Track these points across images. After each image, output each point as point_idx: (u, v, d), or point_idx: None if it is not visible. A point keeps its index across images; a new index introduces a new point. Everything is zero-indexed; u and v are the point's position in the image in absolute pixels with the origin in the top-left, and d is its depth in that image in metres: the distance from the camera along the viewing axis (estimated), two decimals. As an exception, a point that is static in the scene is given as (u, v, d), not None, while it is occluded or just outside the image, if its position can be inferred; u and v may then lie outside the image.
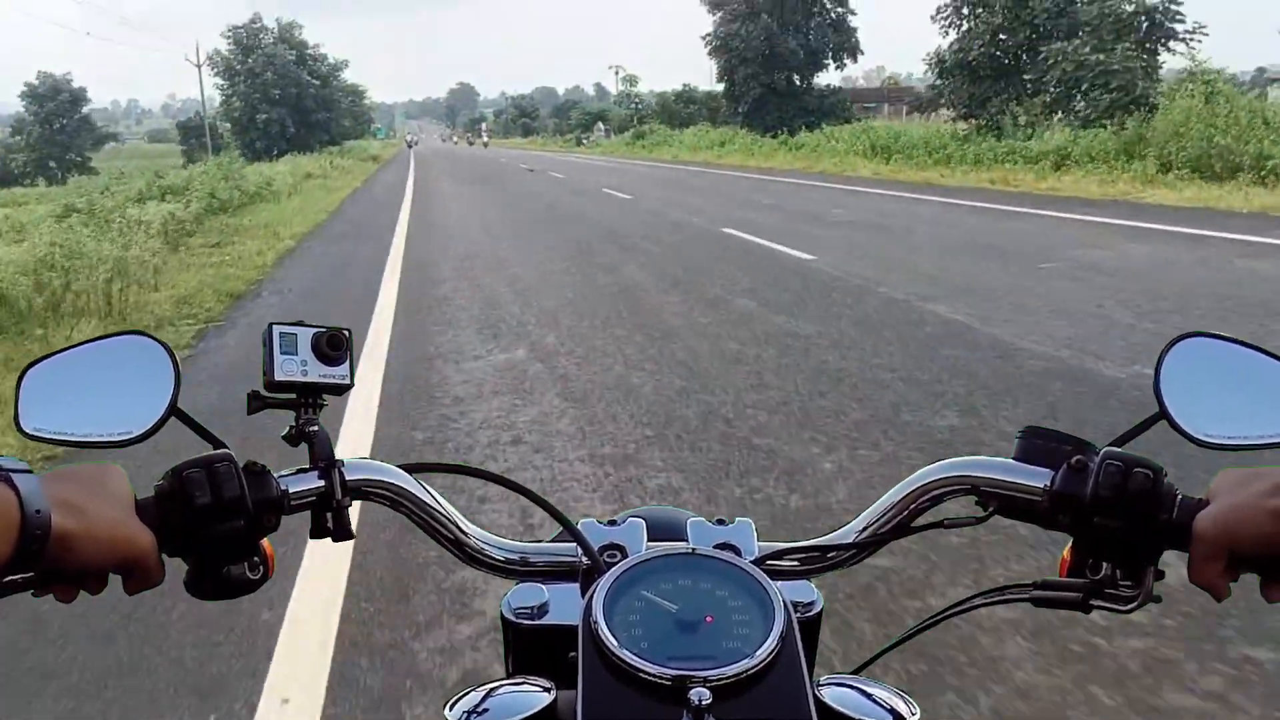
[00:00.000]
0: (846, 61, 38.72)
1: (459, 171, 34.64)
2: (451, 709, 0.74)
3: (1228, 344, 0.76)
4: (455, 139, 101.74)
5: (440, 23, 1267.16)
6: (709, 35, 39.74)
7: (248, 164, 46.36)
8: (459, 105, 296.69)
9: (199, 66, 53.63)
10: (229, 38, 49.89)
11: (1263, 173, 13.87)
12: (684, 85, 59.82)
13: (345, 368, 0.79)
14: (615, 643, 0.66)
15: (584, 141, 77.91)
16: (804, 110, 38.32)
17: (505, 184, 25.07)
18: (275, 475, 0.73)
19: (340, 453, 0.77)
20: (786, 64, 38.22)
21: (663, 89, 63.35)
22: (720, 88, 44.22)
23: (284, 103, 48.79)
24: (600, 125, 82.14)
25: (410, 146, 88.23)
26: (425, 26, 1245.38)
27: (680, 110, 57.62)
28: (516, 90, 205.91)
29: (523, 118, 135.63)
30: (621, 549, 0.80)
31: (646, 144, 48.45)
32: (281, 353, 0.77)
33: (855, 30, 39.12)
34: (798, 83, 39.27)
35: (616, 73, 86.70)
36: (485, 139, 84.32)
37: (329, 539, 0.76)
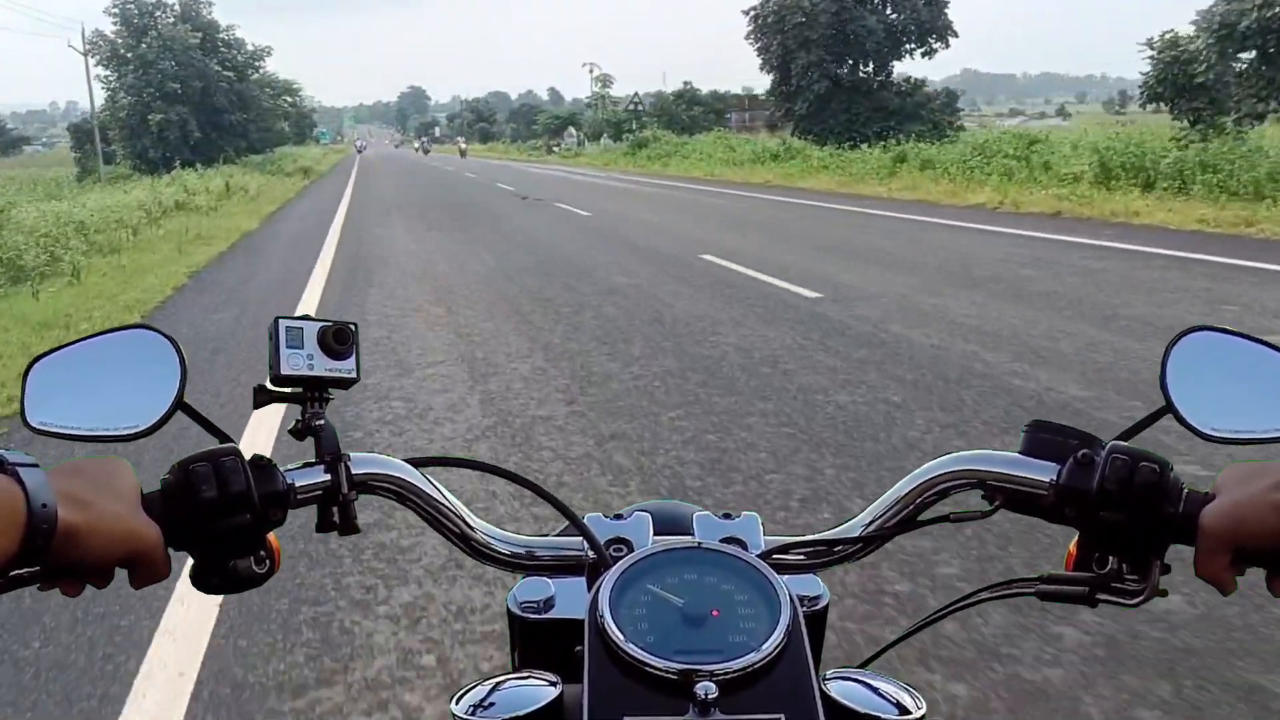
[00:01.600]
0: (936, 46, 28.93)
1: (416, 195, 24.20)
2: (458, 703, 0.73)
3: (1234, 338, 0.75)
4: (416, 146, 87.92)
5: (389, 26, 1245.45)
6: (754, 10, 29.75)
7: (136, 178, 35.74)
8: (409, 109, 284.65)
9: (85, 55, 42.52)
10: (115, 15, 38.75)
11: None
12: (685, 84, 50.00)
13: (351, 361, 0.78)
14: (621, 636, 0.66)
15: (555, 150, 68.76)
16: (881, 111, 28.52)
17: (498, 228, 14.86)
18: (281, 469, 0.73)
19: None
20: (861, 48, 28.34)
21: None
22: (741, 85, 34.29)
23: (186, 99, 37.84)
24: (571, 131, 73.08)
25: (359, 152, 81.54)
26: (374, 30, 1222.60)
27: (682, 113, 47.77)
28: (469, 95, 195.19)
29: (480, 122, 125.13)
30: (627, 543, 0.80)
31: (652, 154, 38.35)
32: (288, 347, 0.76)
33: (947, 4, 29.39)
34: (871, 74, 29.39)
35: (591, 71, 77.11)
36: (463, 145, 70.87)
37: (335, 533, 0.76)
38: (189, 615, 2.88)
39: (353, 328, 0.79)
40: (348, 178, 36.79)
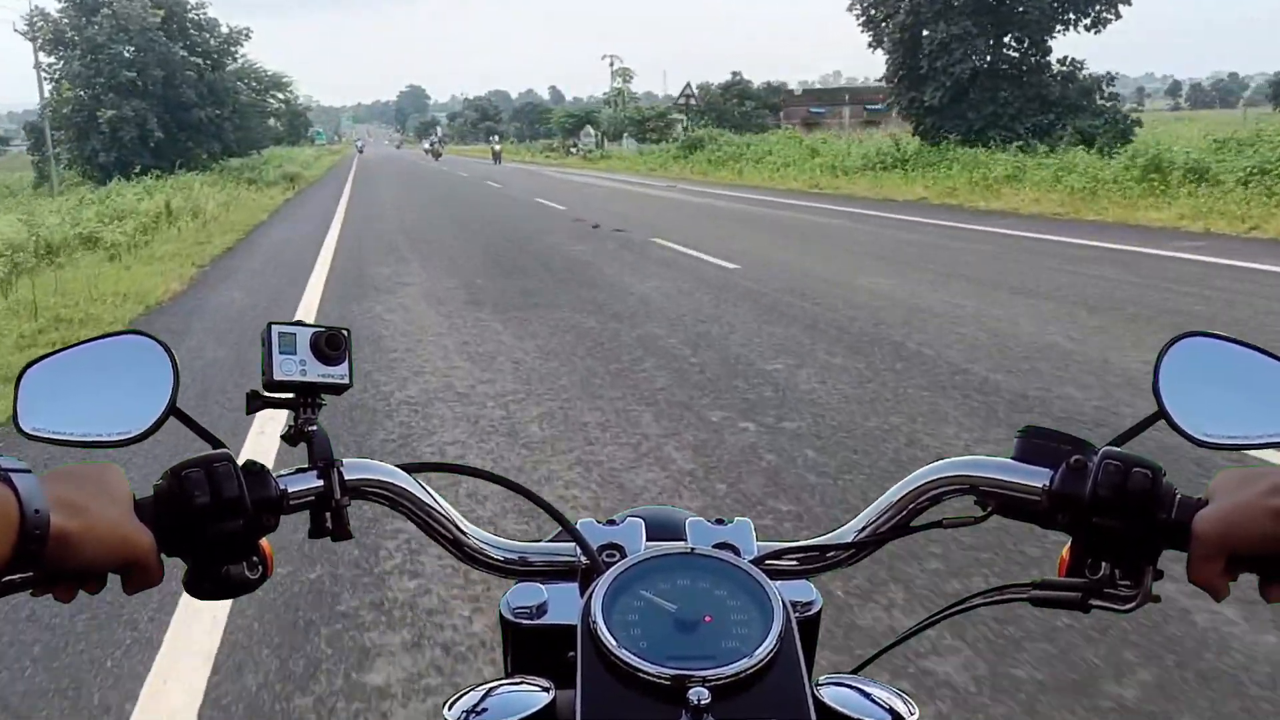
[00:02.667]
0: (1107, 15, 22.14)
1: (433, 220, 17.43)
2: (451, 709, 0.73)
3: (1226, 343, 0.75)
4: (426, 147, 76.26)
5: (387, 25, 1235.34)
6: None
7: (90, 187, 28.94)
8: (409, 108, 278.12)
9: (34, 41, 35.73)
10: (59, -10, 31.86)
11: None
12: (733, 75, 43.16)
13: (344, 367, 0.78)
14: (614, 642, 0.66)
15: (573, 151, 62.40)
16: (1037, 100, 21.79)
17: (596, 300, 8.06)
18: (274, 475, 0.73)
19: None
20: (1016, 18, 21.59)
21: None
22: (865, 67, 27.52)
23: (144, 92, 30.95)
24: (589, 130, 66.98)
25: (360, 152, 78.49)
26: (371, 29, 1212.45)
27: (733, 109, 41.01)
28: (469, 94, 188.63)
29: (485, 120, 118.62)
30: (620, 549, 0.79)
31: (712, 158, 31.58)
32: (280, 352, 0.76)
33: (1119, -35, 22.54)
34: (1024, 54, 22.61)
35: (611, 64, 70.76)
36: (497, 147, 55.98)
37: (328, 539, 0.75)
38: None
39: (345, 333, 0.78)
40: (342, 188, 30.01)
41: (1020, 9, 21.28)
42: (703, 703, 0.61)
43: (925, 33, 21.82)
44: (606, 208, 18.50)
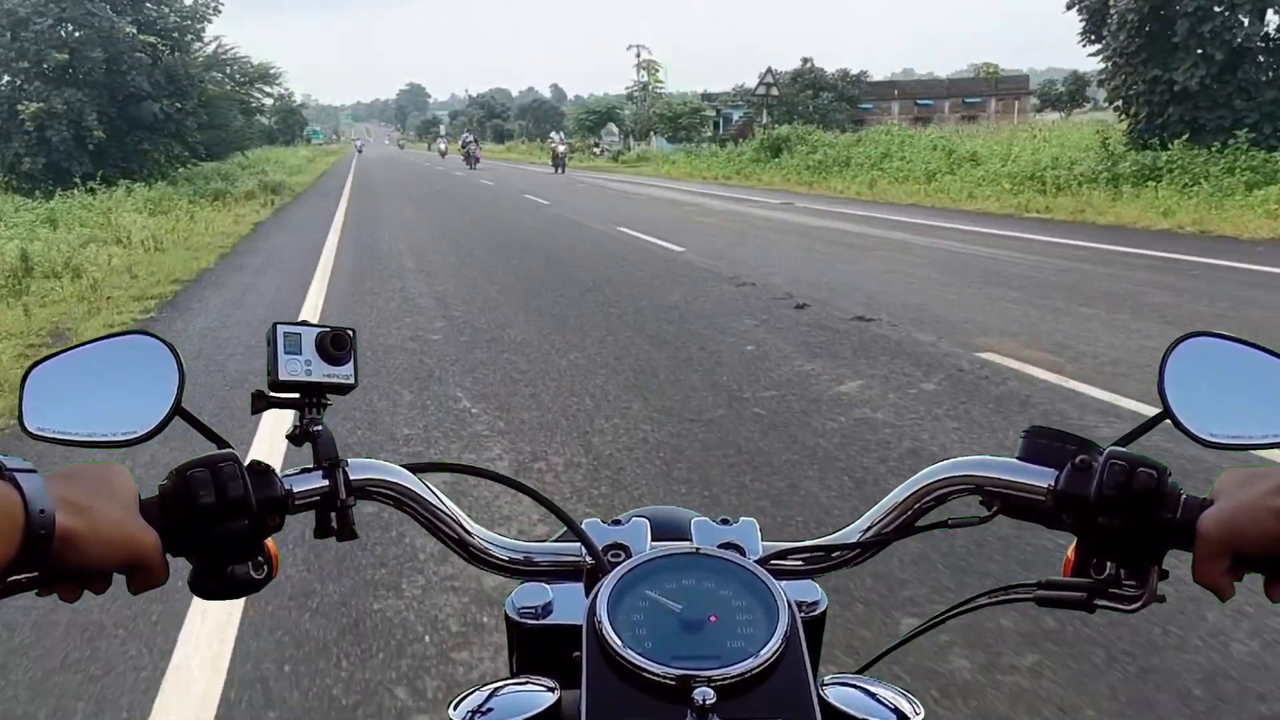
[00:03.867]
0: None
1: (512, 302, 10.53)
2: (456, 708, 0.73)
3: (1232, 344, 0.74)
4: (442, 148, 63.85)
5: (386, 24, 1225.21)
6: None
7: (18, 201, 22.06)
8: (409, 106, 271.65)
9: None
10: (-26, -48, 25.08)
11: None
12: (804, 61, 36.33)
13: (349, 367, 0.77)
14: (619, 642, 0.65)
15: (598, 152, 56.30)
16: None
17: None
18: (279, 475, 0.72)
19: None
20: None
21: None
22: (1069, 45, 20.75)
23: (82, 79, 24.12)
24: (612, 128, 60.96)
25: (359, 151, 74.61)
26: (370, 28, 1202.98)
27: (806, 101, 34.23)
28: (473, 91, 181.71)
29: (493, 119, 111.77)
30: (625, 549, 0.78)
31: (812, 164, 24.73)
32: (286, 352, 0.75)
33: None
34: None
35: (637, 55, 64.08)
36: (560, 148, 39.52)
37: (334, 539, 0.74)
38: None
39: (350, 333, 0.77)
40: (335, 205, 23.21)
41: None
42: (708, 703, 0.61)
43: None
44: (749, 252, 11.69)
